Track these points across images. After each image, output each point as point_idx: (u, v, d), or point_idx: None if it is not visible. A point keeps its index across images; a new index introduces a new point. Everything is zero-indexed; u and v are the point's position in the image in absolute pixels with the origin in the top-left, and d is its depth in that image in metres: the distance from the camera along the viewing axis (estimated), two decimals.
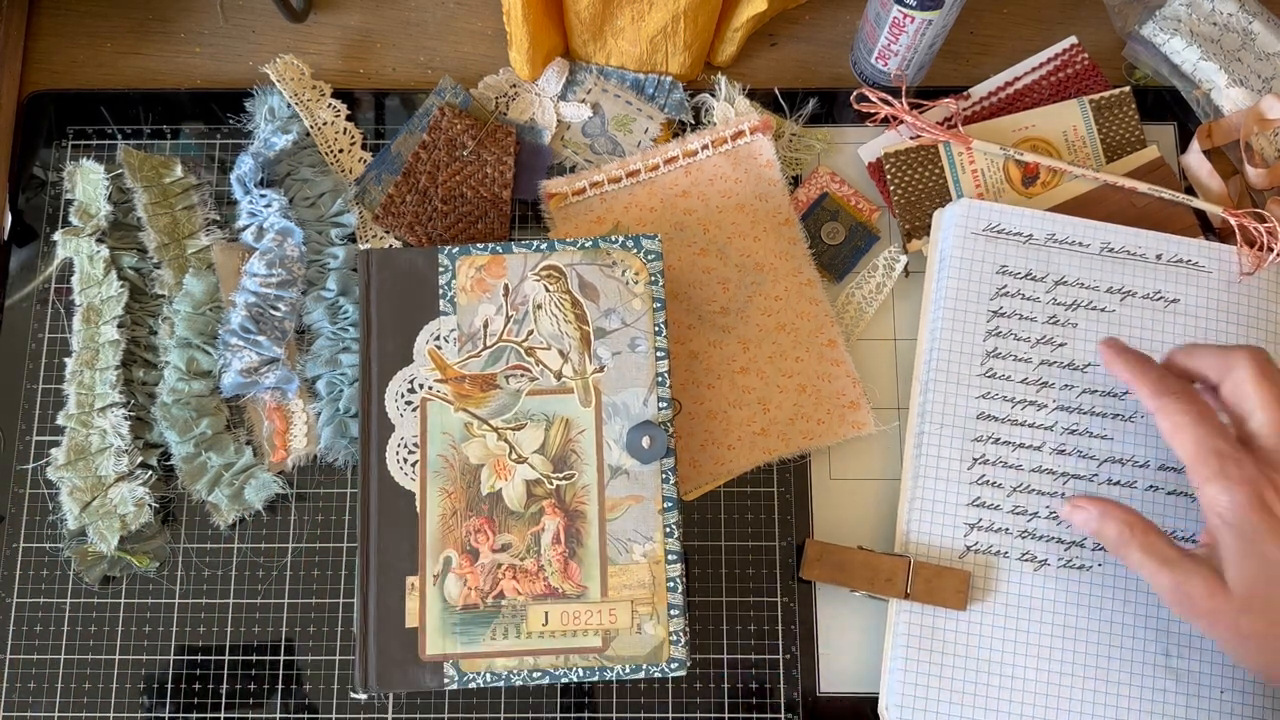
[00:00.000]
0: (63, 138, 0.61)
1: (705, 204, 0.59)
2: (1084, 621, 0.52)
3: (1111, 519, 0.47)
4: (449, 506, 0.50)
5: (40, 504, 0.56)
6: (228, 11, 0.64)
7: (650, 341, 0.52)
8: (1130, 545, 0.46)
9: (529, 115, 0.61)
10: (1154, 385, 0.47)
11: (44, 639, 0.54)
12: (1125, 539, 0.46)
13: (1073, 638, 0.51)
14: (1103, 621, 0.52)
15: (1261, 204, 0.58)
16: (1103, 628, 0.52)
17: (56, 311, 0.58)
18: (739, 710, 0.53)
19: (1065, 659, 0.51)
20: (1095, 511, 0.47)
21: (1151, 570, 0.45)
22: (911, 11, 0.53)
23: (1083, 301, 0.55)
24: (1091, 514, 0.48)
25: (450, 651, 0.49)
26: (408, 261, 0.53)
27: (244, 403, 0.57)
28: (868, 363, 0.57)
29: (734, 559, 0.55)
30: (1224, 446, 0.44)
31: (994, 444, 0.54)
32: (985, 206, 0.56)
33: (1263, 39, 0.59)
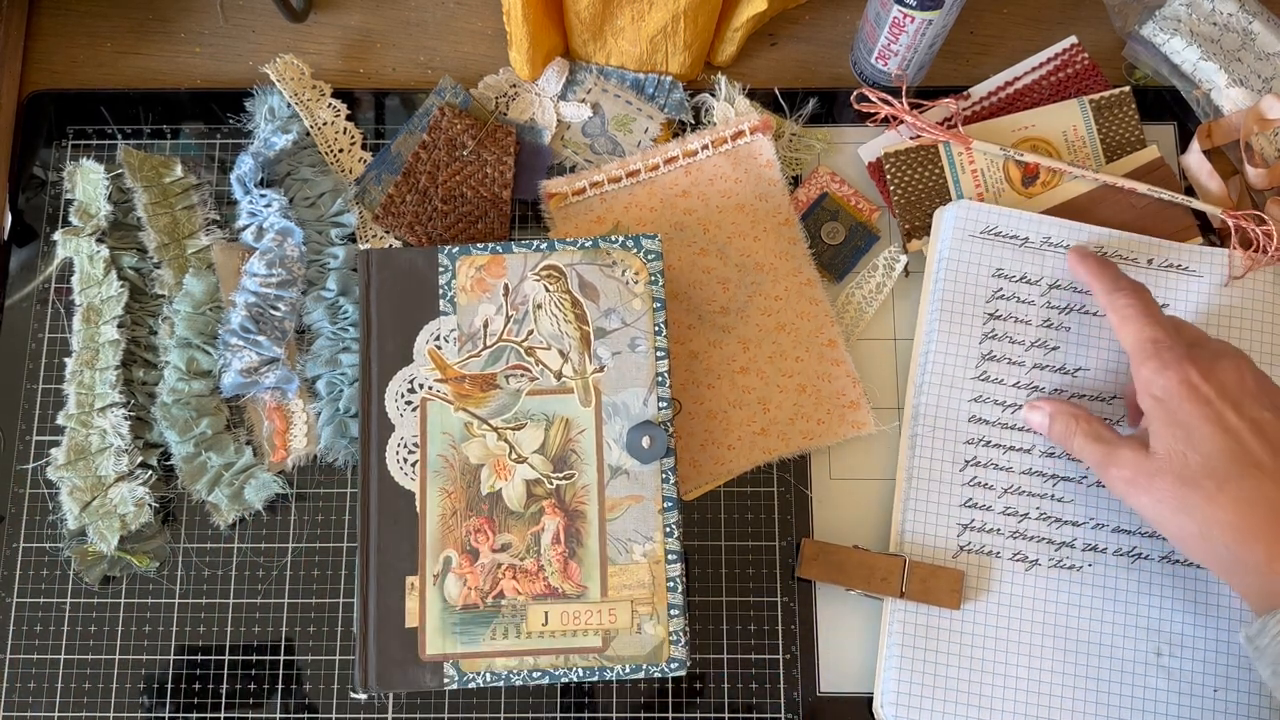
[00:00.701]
0: (63, 138, 0.61)
1: (705, 204, 0.59)
2: (1076, 620, 0.52)
3: (1061, 414, 0.52)
4: (449, 506, 0.50)
5: (40, 504, 0.56)
6: (228, 11, 0.64)
7: (650, 341, 0.52)
8: (1074, 433, 0.51)
9: (529, 115, 0.61)
10: (1108, 283, 0.51)
11: (44, 639, 0.54)
12: (1070, 429, 0.51)
13: (1065, 636, 0.52)
14: (1094, 620, 0.52)
15: (1261, 204, 0.58)
16: (1094, 626, 0.52)
17: (56, 311, 0.58)
18: (739, 710, 0.53)
19: (1058, 657, 0.51)
20: (1048, 409, 0.52)
21: (1090, 450, 0.50)
22: (911, 11, 0.53)
23: (1076, 305, 0.55)
24: (1044, 410, 0.53)
25: (450, 651, 0.49)
26: (408, 261, 0.53)
27: (244, 403, 0.57)
28: (868, 363, 0.57)
29: (734, 559, 0.55)
30: (1161, 335, 0.48)
31: (986, 446, 0.54)
32: (983, 209, 0.56)
33: (1263, 39, 0.59)
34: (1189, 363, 0.47)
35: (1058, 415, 0.52)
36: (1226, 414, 0.46)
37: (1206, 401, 0.46)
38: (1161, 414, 0.47)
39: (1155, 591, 0.52)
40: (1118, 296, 0.50)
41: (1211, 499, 0.45)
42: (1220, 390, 0.46)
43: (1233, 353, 0.48)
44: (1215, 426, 0.46)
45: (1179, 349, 0.48)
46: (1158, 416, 0.47)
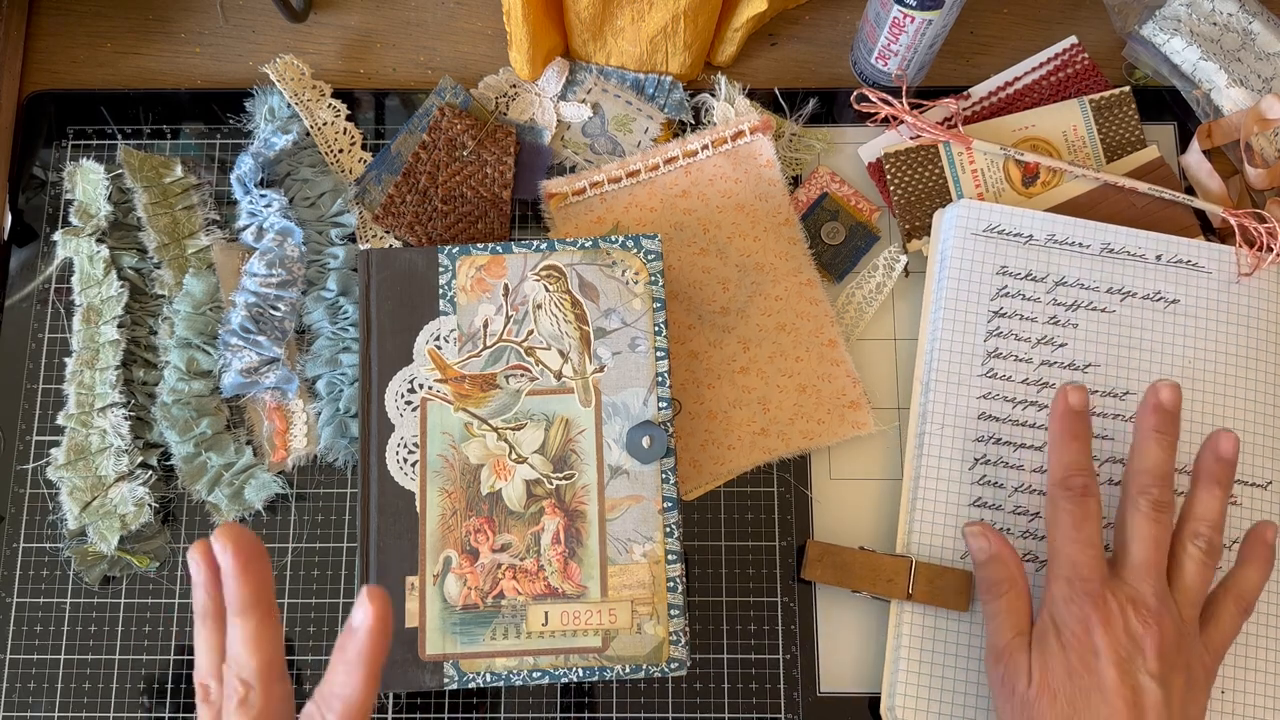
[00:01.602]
0: (63, 138, 0.61)
1: (705, 204, 0.59)
2: None
3: (1000, 561, 0.49)
4: (449, 506, 0.50)
5: (40, 504, 0.56)
6: (228, 11, 0.64)
7: (650, 341, 0.52)
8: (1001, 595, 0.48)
9: (529, 115, 0.61)
10: (1060, 470, 0.48)
11: (44, 639, 0.54)
12: (997, 587, 0.48)
13: None
14: None
15: (1261, 204, 0.58)
16: None
17: (56, 311, 0.58)
18: (739, 710, 0.53)
19: None
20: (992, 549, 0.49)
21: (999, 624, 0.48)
22: (912, 11, 0.53)
23: (1083, 302, 0.55)
24: (984, 548, 0.49)
25: (450, 651, 0.49)
26: (408, 261, 0.53)
27: (244, 403, 0.57)
28: (868, 363, 0.57)
29: (734, 559, 0.55)
30: (1079, 559, 0.46)
31: (995, 444, 0.54)
32: (985, 207, 0.56)
33: (1263, 39, 0.59)
34: (1092, 604, 0.45)
35: (997, 561, 0.49)
36: (1108, 675, 0.43)
37: (1094, 653, 0.44)
38: (1054, 644, 0.45)
39: None
40: (1061, 495, 0.47)
41: None
42: (1112, 645, 0.44)
43: (1154, 608, 0.44)
44: (1095, 684, 0.44)
45: (1092, 583, 0.45)
46: (1050, 644, 0.45)
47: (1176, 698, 0.44)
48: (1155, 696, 0.43)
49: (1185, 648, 0.45)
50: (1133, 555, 0.46)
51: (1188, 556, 0.46)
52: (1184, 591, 0.46)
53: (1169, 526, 0.47)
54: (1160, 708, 0.43)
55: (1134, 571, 0.46)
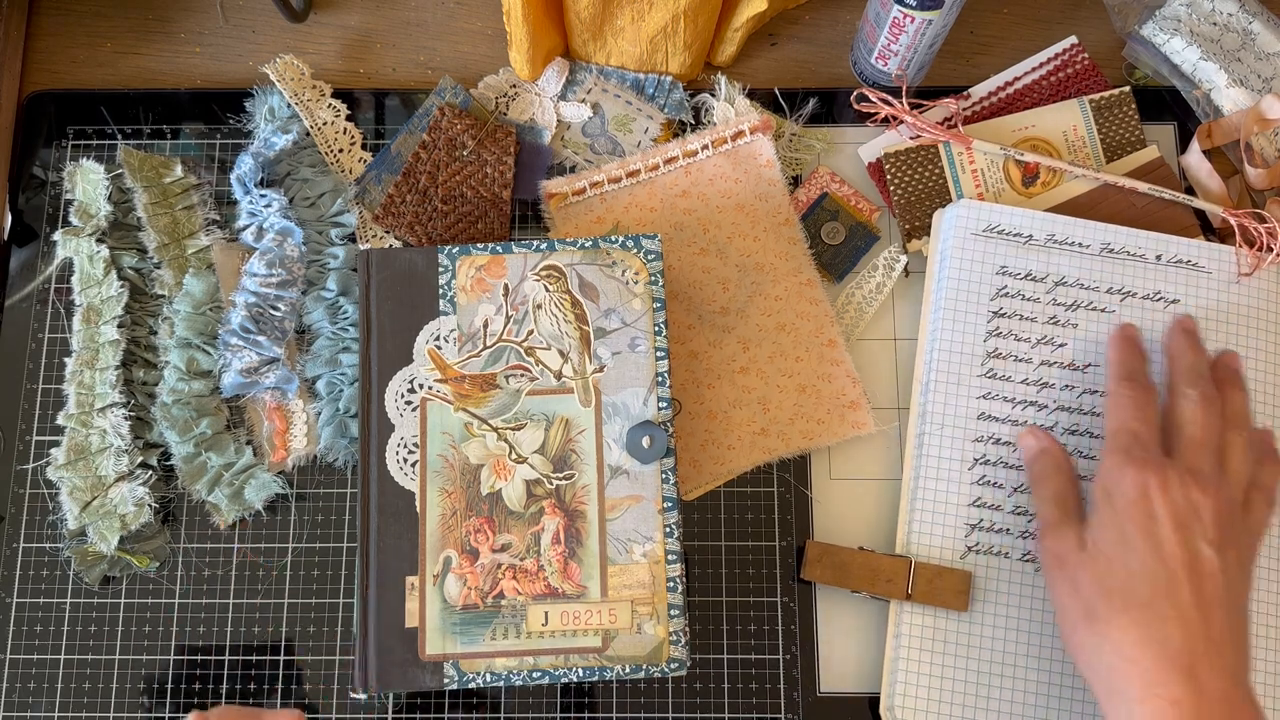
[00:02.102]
0: (63, 138, 0.61)
1: (705, 204, 0.59)
2: None
3: (1049, 455, 0.51)
4: (449, 506, 0.50)
5: (40, 504, 0.56)
6: (228, 11, 0.64)
7: (650, 341, 0.52)
8: (1047, 480, 0.50)
9: (529, 115, 0.61)
10: (1118, 369, 0.50)
11: (44, 639, 0.54)
12: (1046, 475, 0.50)
13: None
14: None
15: (1261, 204, 0.58)
16: None
17: (56, 311, 0.58)
18: (739, 710, 0.53)
19: (1068, 660, 0.51)
20: (1043, 444, 0.51)
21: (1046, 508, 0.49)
22: (911, 11, 0.53)
23: (1083, 302, 0.55)
24: (1039, 443, 0.51)
25: (450, 651, 0.49)
26: (408, 261, 0.53)
27: (244, 403, 0.57)
28: (868, 363, 0.57)
29: (734, 559, 0.55)
30: (1141, 431, 0.47)
31: (995, 444, 0.54)
32: (985, 207, 0.56)
33: (1263, 39, 0.59)
34: (1153, 470, 0.45)
35: (1046, 454, 0.51)
36: (1168, 539, 0.44)
37: (1152, 517, 0.44)
38: (1107, 512, 0.46)
39: None
40: (1121, 385, 0.49)
41: (1115, 618, 0.44)
42: (1172, 510, 0.44)
43: (1212, 479, 0.45)
44: (1151, 547, 0.44)
45: (1152, 452, 0.46)
46: (1103, 512, 0.46)
47: (1231, 569, 0.44)
48: (1214, 564, 0.43)
49: (1237, 524, 0.46)
50: (1188, 435, 0.47)
51: (1231, 445, 0.48)
52: (1232, 474, 0.47)
53: (1218, 416, 0.48)
54: (1218, 575, 0.43)
55: (1190, 447, 0.47)
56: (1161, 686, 0.42)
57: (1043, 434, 0.52)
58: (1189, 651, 0.42)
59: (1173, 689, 0.41)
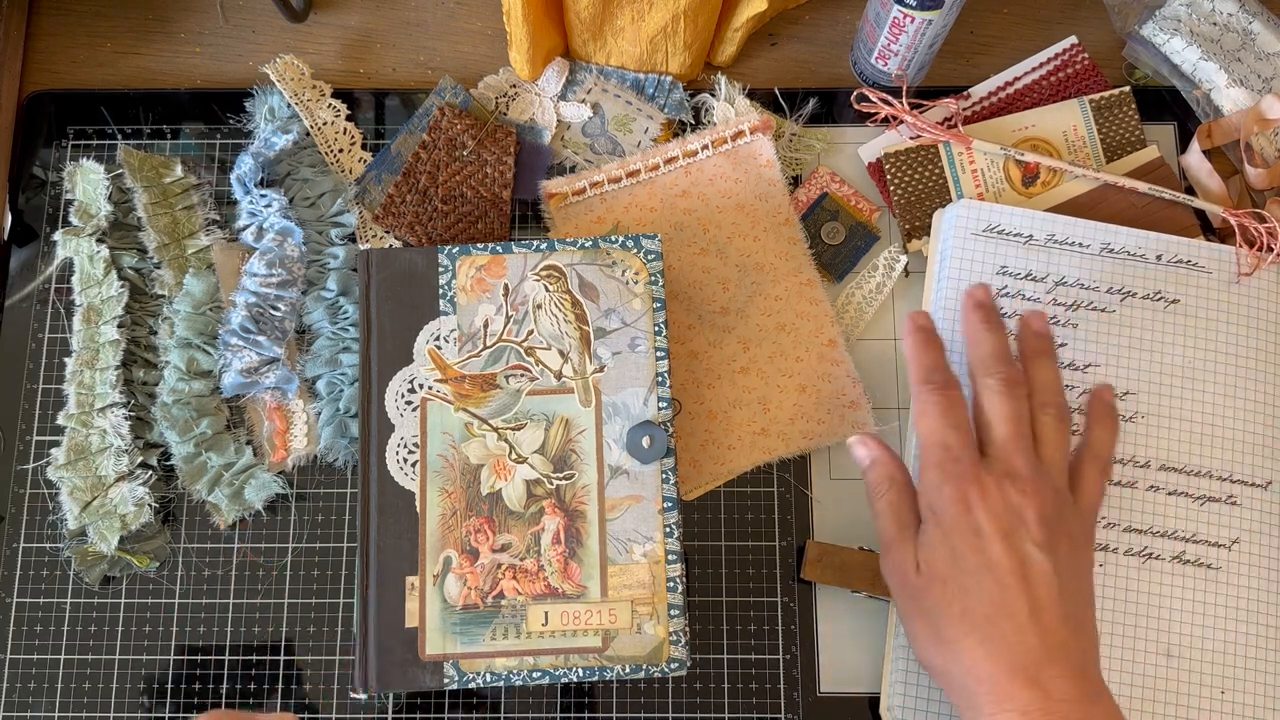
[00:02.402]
0: (63, 138, 0.61)
1: (705, 204, 0.59)
2: None
3: (882, 464, 0.49)
4: (449, 506, 0.50)
5: (40, 504, 0.56)
6: (228, 11, 0.64)
7: (650, 341, 0.52)
8: (883, 494, 0.48)
9: (529, 115, 0.61)
10: (920, 372, 0.48)
11: (44, 639, 0.54)
12: (881, 487, 0.48)
13: None
14: (1102, 620, 0.52)
15: (1261, 204, 0.58)
16: (1103, 626, 0.51)
17: (56, 311, 0.58)
18: (739, 710, 0.53)
19: None
20: (874, 453, 0.49)
21: (884, 523, 0.48)
22: (911, 11, 0.53)
23: (1083, 302, 0.55)
24: (870, 452, 0.49)
25: (450, 651, 0.49)
26: (408, 261, 0.53)
27: (244, 403, 0.57)
28: (868, 363, 0.57)
29: (734, 559, 0.55)
30: (949, 439, 0.46)
31: None
32: (985, 207, 0.56)
33: (1263, 39, 0.59)
34: (968, 482, 0.45)
35: (879, 465, 0.49)
36: (994, 550, 0.43)
37: (977, 532, 0.44)
38: (935, 531, 0.45)
39: (1165, 592, 0.52)
40: (924, 390, 0.47)
41: (961, 640, 0.44)
42: (994, 520, 0.44)
43: (1029, 477, 0.45)
44: (981, 563, 0.44)
45: (965, 462, 0.45)
46: (931, 531, 0.45)
47: (1064, 563, 0.44)
48: (1043, 565, 0.44)
49: (1064, 515, 0.45)
50: (996, 433, 0.46)
51: (1043, 427, 0.47)
52: (1049, 460, 0.46)
53: (1024, 400, 0.47)
54: (1049, 576, 0.43)
55: (1002, 447, 0.46)
56: (1009, 700, 0.42)
57: (875, 442, 0.49)
58: (1032, 662, 0.42)
59: (1019, 700, 0.42)
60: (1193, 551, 0.52)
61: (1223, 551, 0.52)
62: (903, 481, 0.48)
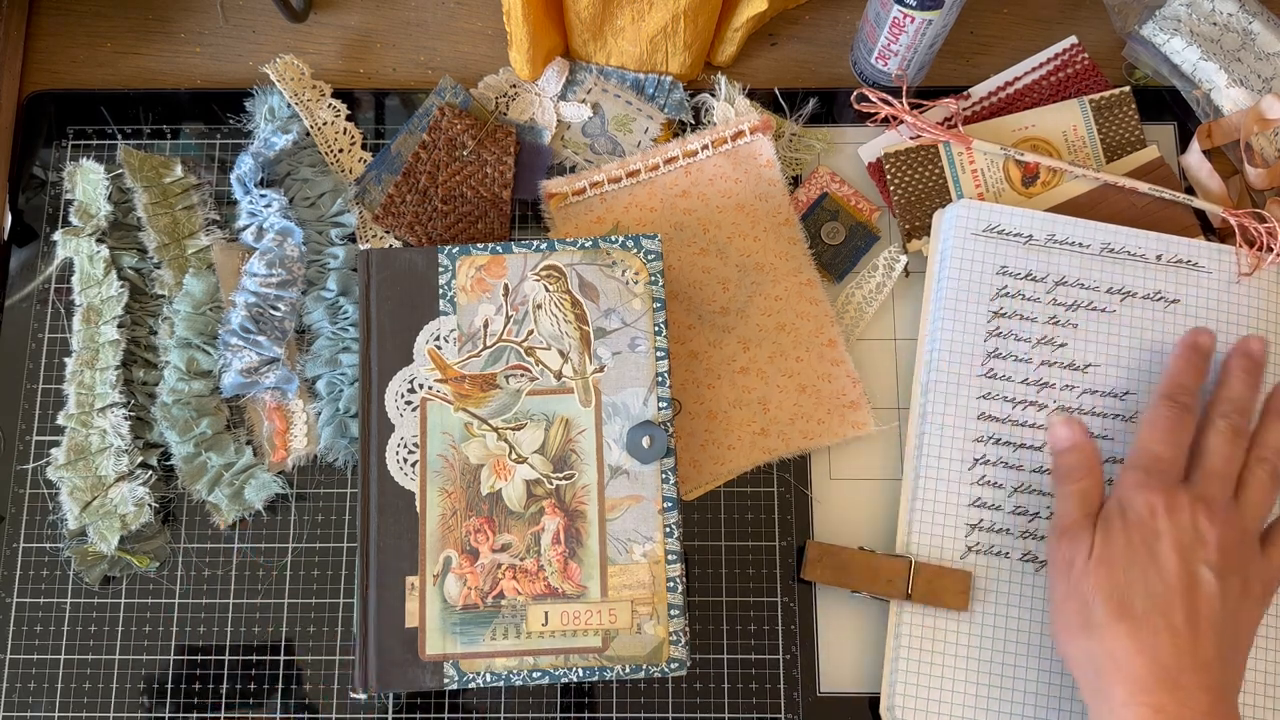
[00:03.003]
0: (63, 138, 0.61)
1: (705, 204, 0.59)
2: None
3: (1081, 450, 0.50)
4: (449, 506, 0.50)
5: (40, 504, 0.56)
6: (228, 11, 0.64)
7: (650, 341, 0.52)
8: (1076, 479, 0.49)
9: (529, 115, 0.61)
10: (1170, 386, 0.50)
11: (44, 639, 0.54)
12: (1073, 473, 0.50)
13: None
14: None
15: (1261, 204, 0.58)
16: None
17: (56, 311, 0.58)
18: (739, 710, 0.53)
19: None
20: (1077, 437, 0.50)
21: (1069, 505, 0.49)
22: (912, 11, 0.53)
23: (1083, 302, 0.55)
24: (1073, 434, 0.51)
25: (450, 651, 0.49)
26: (408, 261, 0.53)
27: (244, 403, 0.57)
28: (868, 363, 0.57)
29: (734, 559, 0.55)
30: (1163, 454, 0.48)
31: (995, 444, 0.54)
32: (985, 207, 0.56)
33: (1263, 39, 0.59)
34: (1163, 494, 0.46)
35: (1079, 450, 0.50)
36: (1168, 558, 0.45)
37: (1157, 536, 0.46)
38: (1118, 524, 0.47)
39: None
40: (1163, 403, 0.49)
41: (1111, 625, 0.45)
42: (1176, 533, 0.45)
43: (1221, 508, 0.47)
44: (1152, 564, 0.45)
45: (1168, 477, 0.47)
46: (1114, 524, 0.47)
47: (1232, 597, 0.45)
48: (1211, 586, 0.44)
49: (1246, 555, 0.46)
50: (1206, 464, 0.48)
51: (1253, 477, 0.49)
52: (1248, 506, 0.48)
53: (1242, 449, 0.49)
54: (1215, 599, 0.44)
55: (1206, 476, 0.48)
56: (1146, 694, 0.43)
57: (1077, 425, 0.51)
58: (1177, 666, 0.43)
59: (1157, 696, 0.43)
60: None
61: None
62: (1098, 473, 0.50)
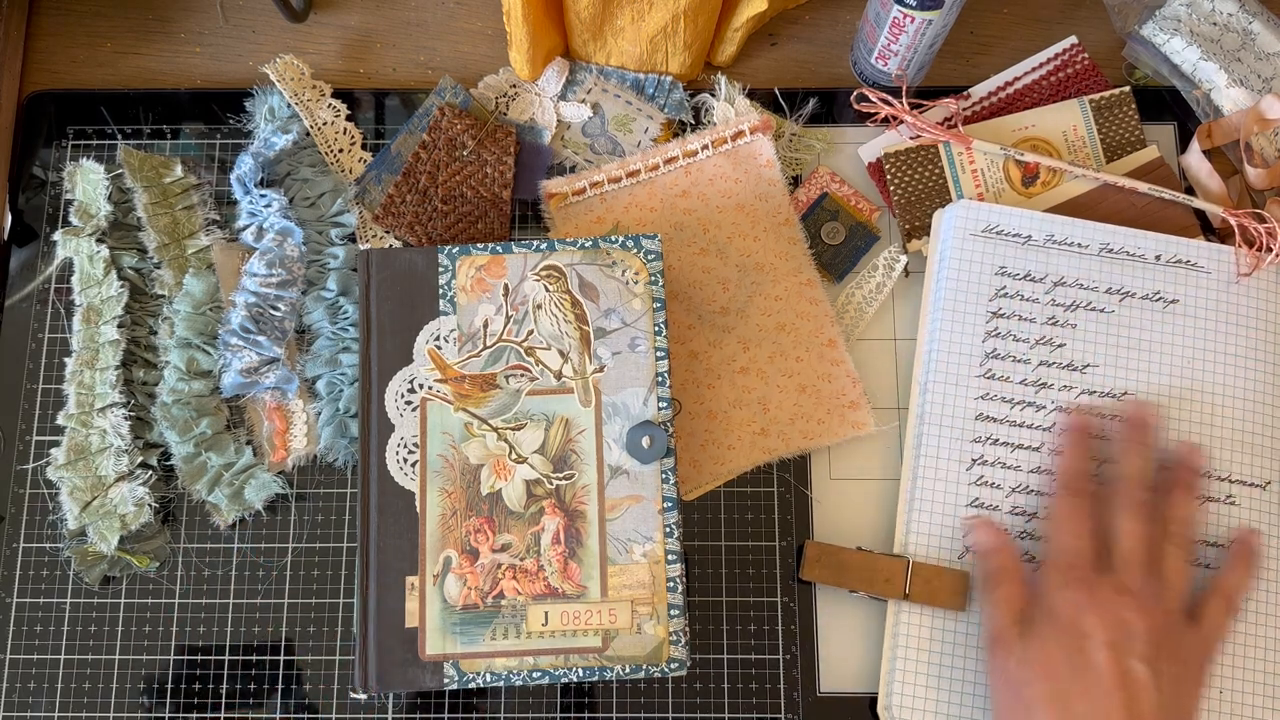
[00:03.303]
0: (63, 138, 0.61)
1: (705, 204, 0.59)
2: None
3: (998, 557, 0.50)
4: (449, 506, 0.50)
5: (40, 504, 0.56)
6: (228, 11, 0.64)
7: (650, 341, 0.52)
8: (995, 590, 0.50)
9: (529, 115, 0.61)
10: (1065, 475, 0.51)
11: (44, 639, 0.54)
12: (997, 582, 0.50)
13: None
14: None
15: (1261, 204, 0.58)
16: None
17: (56, 311, 0.58)
18: (739, 710, 0.53)
19: None
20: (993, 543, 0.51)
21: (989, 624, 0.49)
22: (911, 11, 0.53)
23: (1082, 302, 0.55)
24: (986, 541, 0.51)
25: (450, 651, 0.49)
26: (408, 261, 0.53)
27: (244, 403, 0.57)
28: (868, 363, 0.57)
29: (734, 559, 0.55)
30: (1077, 547, 0.48)
31: (993, 445, 0.54)
32: (984, 207, 0.56)
33: (1263, 39, 0.59)
34: (1085, 590, 0.47)
35: (1000, 554, 0.50)
36: (1101, 657, 0.45)
37: (1085, 635, 0.46)
38: (1047, 627, 0.47)
39: None
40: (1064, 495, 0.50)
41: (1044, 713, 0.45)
42: (1104, 629, 0.45)
43: (1146, 596, 0.47)
44: (1086, 665, 0.45)
45: (1087, 571, 0.47)
46: (1043, 627, 0.47)
47: (1167, 684, 0.45)
48: (1146, 679, 0.44)
49: (1175, 638, 0.46)
50: (1121, 549, 0.48)
51: (1167, 554, 0.49)
52: (1168, 584, 0.48)
53: (1156, 525, 0.49)
54: (1151, 691, 0.44)
55: (1123, 563, 0.48)
56: None
57: (996, 529, 0.51)
58: None
59: None
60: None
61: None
62: (1019, 576, 0.50)
